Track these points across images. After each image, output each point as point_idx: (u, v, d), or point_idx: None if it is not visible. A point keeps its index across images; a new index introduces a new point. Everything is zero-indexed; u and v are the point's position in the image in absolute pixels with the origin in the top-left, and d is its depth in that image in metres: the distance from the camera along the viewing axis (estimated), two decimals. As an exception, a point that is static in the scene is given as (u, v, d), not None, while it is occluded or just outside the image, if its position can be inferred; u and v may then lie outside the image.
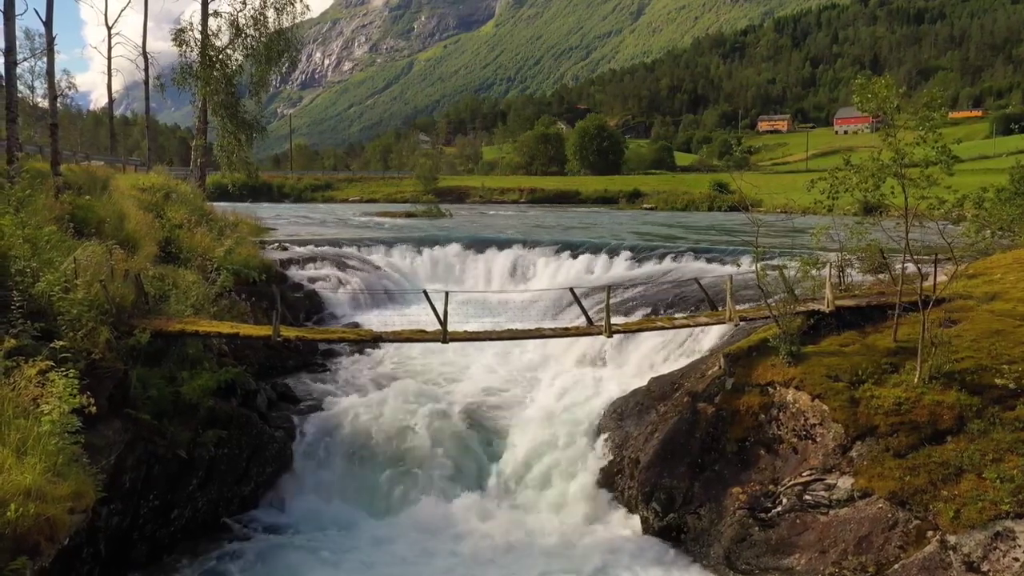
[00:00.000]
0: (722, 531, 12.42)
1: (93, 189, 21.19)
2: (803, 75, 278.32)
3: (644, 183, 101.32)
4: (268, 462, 15.02)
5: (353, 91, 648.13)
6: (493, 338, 14.37)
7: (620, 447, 14.87)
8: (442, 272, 30.58)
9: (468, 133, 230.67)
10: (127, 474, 12.10)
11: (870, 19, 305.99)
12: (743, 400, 13.42)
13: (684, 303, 20.56)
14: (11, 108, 16.00)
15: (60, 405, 7.82)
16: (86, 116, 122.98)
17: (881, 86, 11.76)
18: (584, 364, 19.72)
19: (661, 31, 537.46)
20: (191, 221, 22.82)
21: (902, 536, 10.71)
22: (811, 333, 14.14)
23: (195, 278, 17.02)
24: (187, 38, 31.62)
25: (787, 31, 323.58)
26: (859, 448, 11.81)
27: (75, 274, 12.64)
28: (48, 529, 6.79)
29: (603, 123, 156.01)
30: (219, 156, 33.90)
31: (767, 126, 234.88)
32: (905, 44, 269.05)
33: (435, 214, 56.65)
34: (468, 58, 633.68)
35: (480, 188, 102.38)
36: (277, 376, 18.33)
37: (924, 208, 12.12)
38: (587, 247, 30.59)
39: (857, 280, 16.60)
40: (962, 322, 13.38)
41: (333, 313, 24.84)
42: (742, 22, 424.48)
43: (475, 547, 13.43)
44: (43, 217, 15.19)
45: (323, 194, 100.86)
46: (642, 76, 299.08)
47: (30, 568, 6.56)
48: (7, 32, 15.57)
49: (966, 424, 11.33)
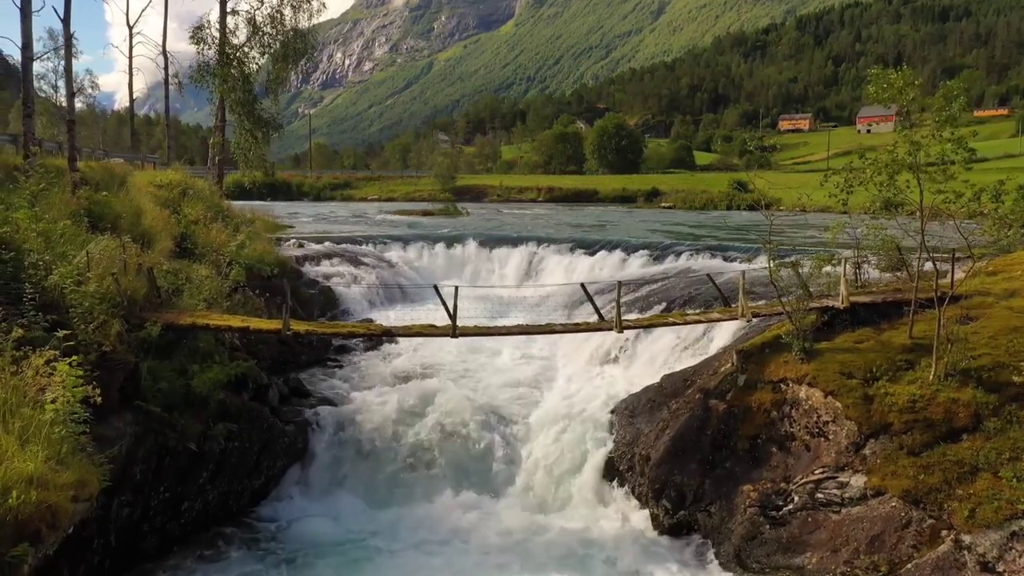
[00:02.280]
0: (733, 529, 12.28)
1: (111, 185, 21.36)
2: (825, 74, 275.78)
3: (663, 182, 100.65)
4: (279, 456, 15.08)
5: (373, 91, 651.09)
6: (503, 333, 14.33)
7: (631, 444, 14.76)
8: (457, 269, 30.58)
9: (487, 133, 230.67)
10: (137, 466, 12.17)
11: (894, 17, 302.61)
12: (755, 397, 13.27)
13: (699, 300, 20.37)
14: (27, 104, 16.18)
15: (64, 394, 7.86)
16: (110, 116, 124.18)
17: (897, 76, 11.56)
18: (597, 362, 19.62)
19: (682, 30, 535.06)
20: (207, 217, 22.95)
21: (915, 535, 10.52)
22: (825, 330, 13.96)
23: (208, 273, 17.12)
24: (204, 36, 31.89)
25: (809, 29, 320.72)
26: (872, 446, 11.63)
27: (87, 267, 12.74)
28: (50, 516, 6.82)
29: (622, 122, 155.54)
30: (235, 154, 34.10)
31: (788, 125, 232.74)
32: (930, 42, 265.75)
33: (452, 212, 56.67)
34: (488, 58, 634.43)
35: (498, 187, 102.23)
36: (290, 371, 18.39)
37: (940, 203, 11.89)
38: (603, 244, 30.46)
39: (874, 277, 16.38)
40: (980, 319, 13.14)
41: (348, 310, 24.91)
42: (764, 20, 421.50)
43: (485, 543, 13.41)
44: (59, 212, 15.35)
45: (342, 193, 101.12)
46: (662, 75, 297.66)
47: (32, 555, 6.60)
48: (24, 29, 15.74)
49: (982, 422, 11.12)
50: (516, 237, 33.48)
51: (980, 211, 11.99)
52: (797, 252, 17.92)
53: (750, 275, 17.00)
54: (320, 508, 14.63)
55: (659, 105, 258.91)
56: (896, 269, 15.67)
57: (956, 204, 11.79)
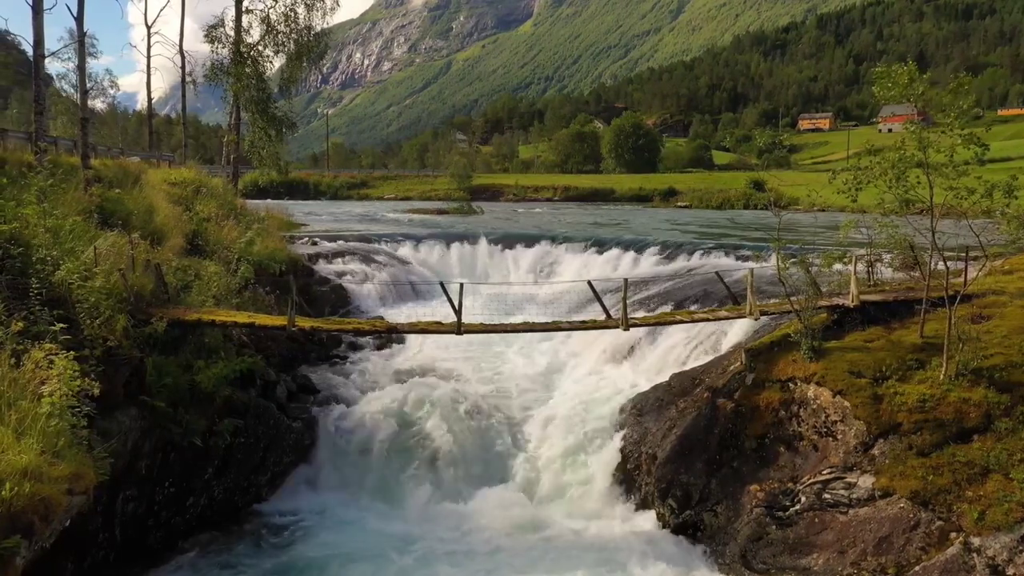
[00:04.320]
0: (739, 529, 12.14)
1: (125, 183, 21.51)
2: (846, 72, 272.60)
3: (679, 181, 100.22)
4: (285, 452, 15.10)
5: (392, 91, 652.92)
6: (508, 330, 14.25)
7: (638, 443, 14.64)
8: (469, 267, 30.53)
9: (505, 132, 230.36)
10: (143, 460, 12.23)
11: (916, 15, 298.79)
12: (763, 396, 13.12)
13: (712, 298, 20.16)
14: (38, 101, 16.31)
15: (60, 387, 7.88)
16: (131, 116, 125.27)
17: (902, 72, 11.35)
18: (608, 361, 19.48)
19: (701, 29, 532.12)
20: (220, 215, 23.05)
21: (924, 537, 10.35)
22: (835, 328, 13.79)
23: (217, 269, 17.17)
24: (219, 35, 32.07)
25: (830, 28, 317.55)
26: (881, 446, 11.45)
27: (95, 263, 12.80)
28: (43, 509, 6.83)
29: (639, 121, 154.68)
30: (249, 152, 34.26)
31: (808, 124, 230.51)
32: (953, 40, 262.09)
33: (466, 211, 56.76)
34: (506, 57, 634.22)
35: (514, 186, 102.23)
36: (299, 368, 18.42)
37: (951, 200, 11.67)
38: (615, 243, 30.32)
39: (888, 276, 16.15)
40: (994, 318, 12.92)
41: (359, 307, 24.89)
42: (784, 19, 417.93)
43: (491, 541, 13.36)
44: (70, 208, 15.46)
45: (358, 192, 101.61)
46: (681, 74, 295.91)
47: (25, 547, 6.61)
48: (36, 26, 15.86)
49: (993, 422, 10.93)
50: (529, 235, 33.38)
51: (992, 208, 11.74)
52: (812, 250, 17.72)
53: (765, 274, 16.83)
54: (326, 504, 14.63)
55: (678, 104, 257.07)
56: (910, 268, 15.45)
57: (967, 201, 11.57)
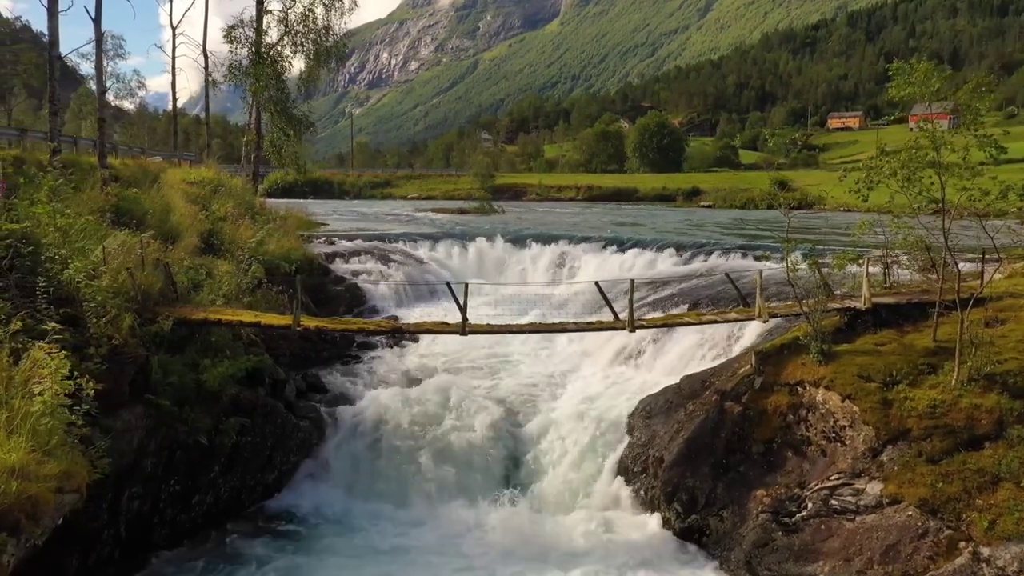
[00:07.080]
0: (744, 534, 11.96)
1: (143, 182, 21.74)
2: (877, 71, 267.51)
3: (703, 181, 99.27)
4: (292, 451, 15.15)
5: (419, 90, 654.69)
6: (514, 331, 14.17)
7: (646, 445, 14.50)
8: (486, 267, 30.46)
9: (531, 132, 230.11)
10: (148, 458, 12.32)
11: (950, 11, 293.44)
12: (771, 399, 12.91)
13: (725, 300, 19.91)
14: (53, 101, 16.53)
15: (52, 385, 7.93)
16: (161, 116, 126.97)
17: (918, 67, 11.10)
18: (619, 362, 19.33)
19: (729, 27, 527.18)
20: (237, 214, 23.21)
21: (932, 546, 10.10)
22: (846, 331, 13.54)
23: (229, 268, 17.27)
24: (238, 35, 32.33)
25: (860, 25, 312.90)
26: (890, 452, 11.20)
27: (104, 262, 12.92)
28: (30, 507, 6.87)
29: (664, 120, 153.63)
30: (268, 151, 34.49)
31: (838, 123, 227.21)
32: (987, 37, 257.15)
33: (487, 210, 56.74)
34: (533, 56, 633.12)
35: (537, 186, 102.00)
36: (310, 368, 18.48)
37: (965, 201, 11.39)
38: (634, 243, 30.07)
39: (905, 278, 15.83)
40: (1009, 322, 12.58)
41: (375, 307, 24.92)
42: (813, 16, 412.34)
43: (498, 543, 13.30)
44: (84, 207, 15.64)
45: (382, 191, 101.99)
46: (708, 73, 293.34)
47: (12, 545, 6.65)
48: (51, 27, 16.08)
49: (1005, 429, 10.64)
50: (547, 235, 33.22)
51: (1006, 210, 11.45)
52: (828, 251, 17.42)
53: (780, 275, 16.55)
54: (332, 503, 14.66)
55: (705, 103, 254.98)
56: (928, 270, 15.12)
57: (982, 202, 11.28)
